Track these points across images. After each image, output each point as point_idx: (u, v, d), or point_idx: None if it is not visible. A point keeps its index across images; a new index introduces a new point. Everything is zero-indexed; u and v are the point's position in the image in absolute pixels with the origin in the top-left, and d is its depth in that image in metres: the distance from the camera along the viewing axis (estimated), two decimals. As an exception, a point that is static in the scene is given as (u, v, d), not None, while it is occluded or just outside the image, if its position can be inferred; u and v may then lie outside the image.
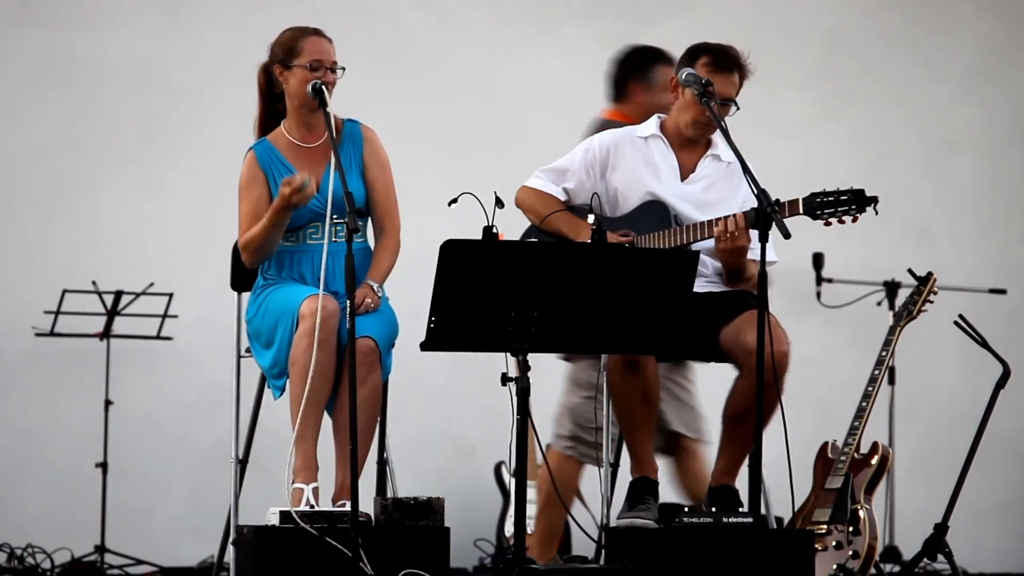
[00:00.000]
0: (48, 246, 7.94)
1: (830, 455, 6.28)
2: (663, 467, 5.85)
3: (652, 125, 5.88)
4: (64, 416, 7.85)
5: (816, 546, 5.83)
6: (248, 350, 5.62)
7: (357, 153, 5.65)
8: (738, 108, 5.71)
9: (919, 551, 5.93)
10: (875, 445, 6.24)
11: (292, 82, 5.55)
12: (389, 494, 5.68)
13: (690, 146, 5.86)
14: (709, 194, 5.81)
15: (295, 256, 5.59)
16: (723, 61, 5.70)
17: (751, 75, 5.76)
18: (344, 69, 5.58)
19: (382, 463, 5.73)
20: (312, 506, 5.25)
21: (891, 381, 8.37)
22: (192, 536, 7.74)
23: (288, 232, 5.59)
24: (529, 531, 7.65)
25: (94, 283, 7.63)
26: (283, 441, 5.36)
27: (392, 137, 5.75)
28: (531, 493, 7.90)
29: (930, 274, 6.36)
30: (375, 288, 5.49)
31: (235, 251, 5.72)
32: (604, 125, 6.32)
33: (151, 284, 7.67)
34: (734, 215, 5.51)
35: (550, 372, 7.00)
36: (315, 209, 5.53)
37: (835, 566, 5.99)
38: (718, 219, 5.59)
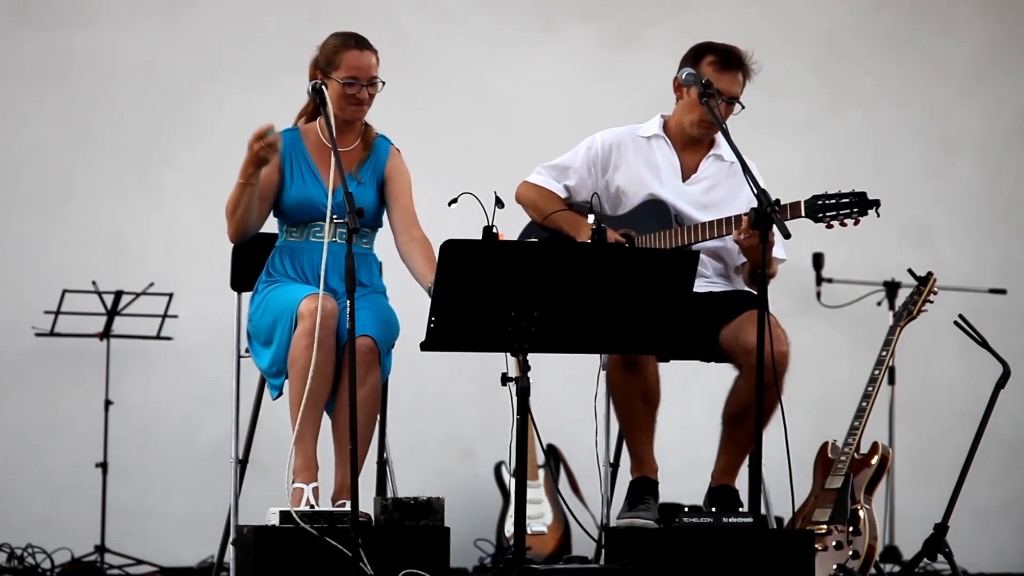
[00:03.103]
0: (48, 246, 7.94)
1: (830, 455, 6.28)
2: None
3: (655, 125, 5.89)
4: (64, 416, 7.85)
5: (816, 546, 5.84)
6: (247, 350, 5.62)
7: (380, 166, 5.66)
8: (743, 107, 5.72)
9: (919, 551, 5.93)
10: (875, 445, 6.24)
11: (330, 90, 5.54)
12: (389, 494, 5.68)
13: (693, 146, 5.86)
14: (710, 195, 5.81)
15: (297, 252, 5.60)
16: (728, 60, 5.71)
17: (755, 75, 5.77)
18: (384, 83, 5.57)
19: (382, 463, 5.73)
20: (312, 506, 5.26)
21: (891, 381, 8.37)
22: (192, 536, 7.74)
23: (292, 227, 5.60)
24: (530, 532, 7.66)
25: (94, 283, 7.62)
26: (283, 441, 5.36)
27: (392, 137, 5.75)
28: (531, 493, 7.91)
29: (930, 274, 6.36)
30: None
31: (235, 251, 5.73)
32: None
33: (151, 284, 7.66)
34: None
35: (550, 372, 7.01)
36: (321, 208, 5.53)
37: (835, 566, 5.99)
38: (731, 217, 5.59)
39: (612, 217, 5.80)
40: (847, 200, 5.52)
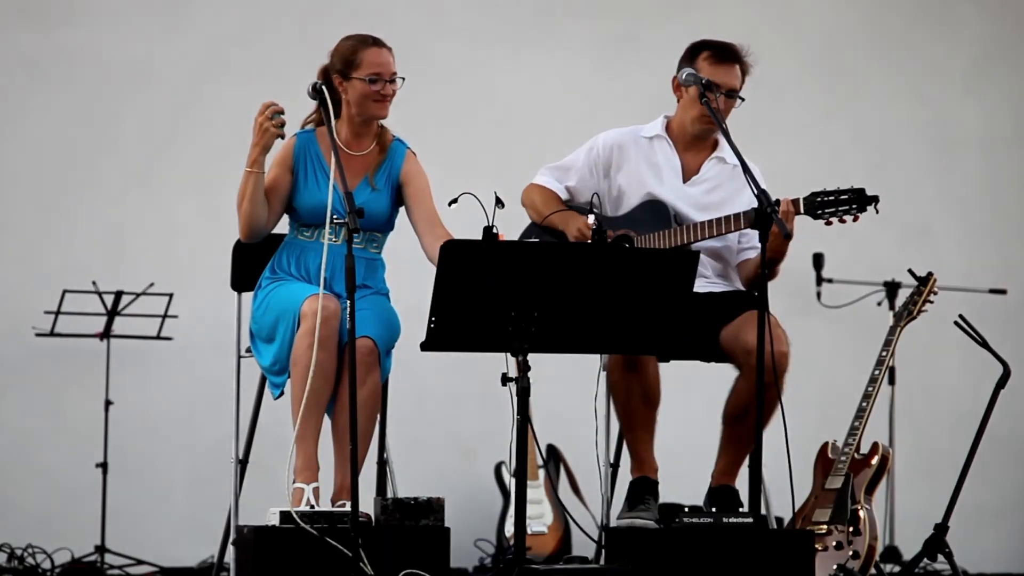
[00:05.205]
0: (48, 246, 7.94)
1: (830, 455, 6.28)
2: None
3: (657, 126, 5.89)
4: (64, 416, 7.85)
5: (816, 546, 5.84)
6: (248, 350, 5.62)
7: (395, 171, 5.64)
8: (743, 100, 5.72)
9: (919, 551, 5.93)
10: (875, 445, 6.24)
11: (351, 93, 5.54)
12: (389, 494, 5.69)
13: (695, 147, 5.86)
14: (711, 196, 5.81)
15: (306, 250, 5.59)
16: (723, 53, 5.72)
17: (752, 69, 5.77)
18: (404, 79, 5.57)
19: (382, 463, 5.74)
20: (312, 506, 5.26)
21: (891, 381, 8.37)
22: (192, 536, 7.74)
23: (304, 227, 5.60)
24: (530, 532, 7.66)
25: (94, 283, 7.62)
26: (283, 441, 5.36)
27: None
28: (531, 493, 7.90)
29: (930, 274, 6.36)
30: None
31: (235, 251, 5.73)
32: None
33: (151, 284, 7.66)
34: (784, 200, 5.49)
35: (550, 372, 7.00)
36: (333, 211, 5.51)
37: (835, 566, 5.99)
38: (731, 215, 5.60)
39: (612, 217, 5.80)
40: (845, 196, 5.52)
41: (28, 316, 7.67)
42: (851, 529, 6.05)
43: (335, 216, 5.49)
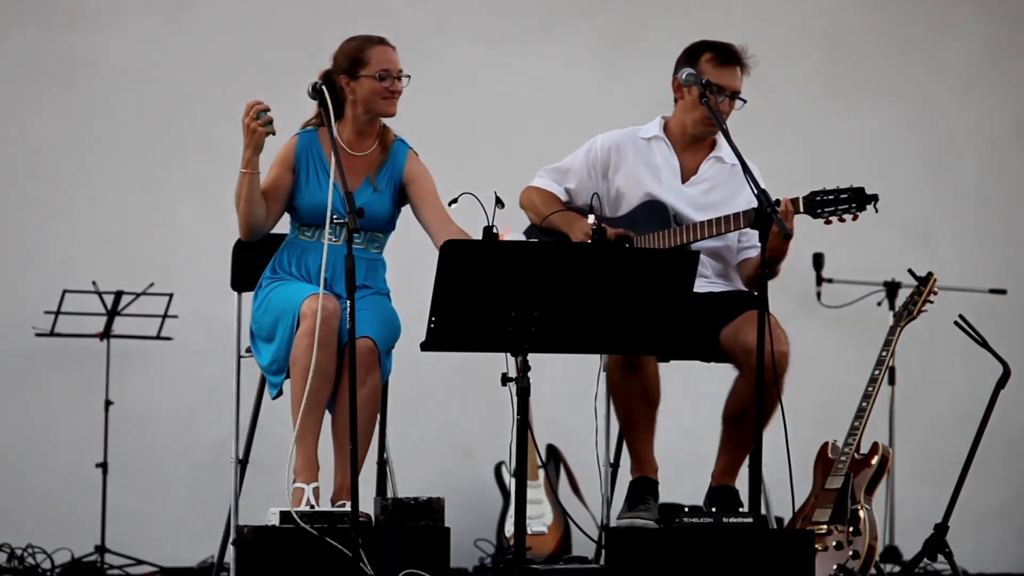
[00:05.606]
0: (48, 246, 7.93)
1: (830, 455, 6.28)
2: None
3: (655, 126, 5.89)
4: (64, 416, 7.84)
5: (816, 546, 5.84)
6: (248, 350, 5.62)
7: (397, 172, 5.64)
8: (745, 102, 5.72)
9: (919, 551, 5.93)
10: (875, 445, 6.24)
11: (359, 91, 5.53)
12: (389, 494, 5.69)
13: (693, 147, 5.86)
14: (710, 196, 5.81)
15: (307, 250, 5.59)
16: (726, 55, 5.71)
17: (752, 70, 5.77)
18: (410, 77, 5.57)
19: (382, 463, 5.74)
20: (312, 506, 5.26)
21: (891, 381, 8.37)
22: (192, 536, 7.74)
23: (305, 227, 5.60)
24: (530, 532, 7.66)
25: (94, 283, 7.62)
26: (283, 441, 5.36)
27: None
28: (531, 493, 7.90)
29: (930, 274, 6.36)
30: None
31: (235, 251, 5.73)
32: None
33: (151, 284, 7.66)
34: (784, 199, 5.49)
35: (550, 372, 7.00)
36: (334, 211, 5.51)
37: (835, 566, 5.99)
38: (730, 215, 5.60)
39: (612, 218, 5.80)
40: (845, 195, 5.52)
41: (28, 316, 7.67)
42: (851, 529, 6.05)
43: (335, 216, 5.49)
